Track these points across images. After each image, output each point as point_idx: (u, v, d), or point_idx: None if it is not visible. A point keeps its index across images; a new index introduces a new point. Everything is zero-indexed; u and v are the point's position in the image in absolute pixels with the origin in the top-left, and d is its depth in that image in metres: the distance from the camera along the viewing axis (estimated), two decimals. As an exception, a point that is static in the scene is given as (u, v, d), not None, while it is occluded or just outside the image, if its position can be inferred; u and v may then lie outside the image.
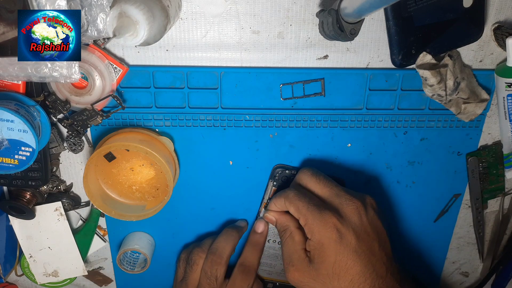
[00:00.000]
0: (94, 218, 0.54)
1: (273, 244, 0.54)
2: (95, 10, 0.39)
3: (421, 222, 0.57)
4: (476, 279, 0.64)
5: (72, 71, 0.39)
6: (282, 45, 0.46)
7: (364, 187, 0.54)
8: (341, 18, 0.40)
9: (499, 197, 0.58)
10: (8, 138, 0.41)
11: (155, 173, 0.49)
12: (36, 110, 0.43)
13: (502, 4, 0.46)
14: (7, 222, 0.51)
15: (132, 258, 0.55)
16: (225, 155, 0.51)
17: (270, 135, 0.50)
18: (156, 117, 0.48)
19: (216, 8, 0.43)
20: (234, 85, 0.47)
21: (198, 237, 0.56)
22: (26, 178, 0.46)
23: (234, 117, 0.49)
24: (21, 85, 0.43)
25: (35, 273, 0.55)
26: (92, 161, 0.45)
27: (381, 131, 0.51)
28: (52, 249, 0.53)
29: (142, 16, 0.34)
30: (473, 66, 0.49)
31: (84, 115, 0.45)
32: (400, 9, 0.43)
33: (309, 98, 0.48)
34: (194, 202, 0.53)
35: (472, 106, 0.49)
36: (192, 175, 0.51)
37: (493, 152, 0.54)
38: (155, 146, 0.46)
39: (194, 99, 0.47)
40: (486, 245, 0.61)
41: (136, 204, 0.50)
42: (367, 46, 0.46)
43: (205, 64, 0.46)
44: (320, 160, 0.52)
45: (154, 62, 0.46)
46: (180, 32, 0.44)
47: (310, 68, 0.47)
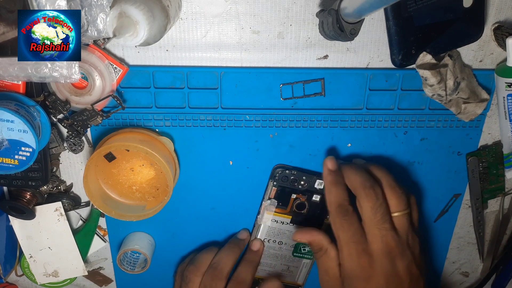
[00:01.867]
0: (94, 218, 0.54)
1: (273, 244, 0.54)
2: (95, 10, 0.39)
3: (421, 222, 0.57)
4: (476, 279, 0.64)
5: (72, 71, 0.39)
6: (282, 45, 0.46)
7: (364, 187, 0.54)
8: (341, 18, 0.40)
9: (499, 197, 0.58)
10: (8, 138, 0.41)
11: (155, 173, 0.49)
12: (36, 110, 0.43)
13: (502, 4, 0.46)
14: (7, 222, 0.51)
15: (132, 258, 0.55)
16: (225, 155, 0.51)
17: (270, 135, 0.50)
18: (156, 117, 0.48)
19: (216, 8, 0.43)
20: (234, 85, 0.47)
21: (198, 237, 0.56)
22: (26, 178, 0.46)
23: (234, 117, 0.48)
24: (21, 85, 0.43)
25: (35, 273, 0.55)
26: (92, 161, 0.45)
27: (381, 131, 0.51)
28: (52, 249, 0.53)
29: (142, 16, 0.34)
30: (473, 66, 0.49)
31: (84, 115, 0.45)
32: (400, 9, 0.43)
33: (309, 98, 0.48)
34: (194, 202, 0.53)
35: (472, 106, 0.49)
36: (192, 175, 0.51)
37: (493, 152, 0.54)
38: (155, 146, 0.46)
39: (194, 99, 0.47)
40: (486, 245, 0.61)
41: (136, 204, 0.50)
42: (367, 46, 0.46)
43: (205, 64, 0.46)
44: (320, 160, 0.52)
45: (154, 62, 0.46)
46: (180, 32, 0.44)
47: (310, 68, 0.47)
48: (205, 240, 0.56)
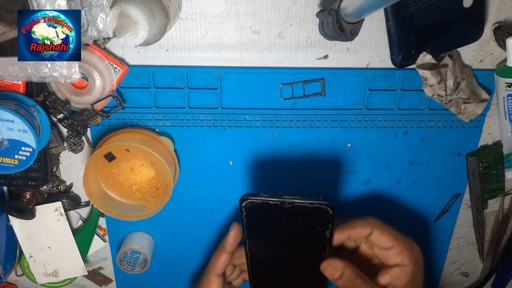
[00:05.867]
0: (94, 218, 0.54)
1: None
2: (95, 10, 0.39)
3: (421, 222, 0.57)
4: (476, 279, 0.64)
5: (72, 71, 0.39)
6: (282, 45, 0.46)
7: (364, 187, 0.54)
8: (341, 18, 0.40)
9: (499, 197, 0.58)
10: (8, 138, 0.41)
11: (155, 173, 0.49)
12: (36, 110, 0.43)
13: (502, 4, 0.46)
14: (7, 222, 0.51)
15: (132, 258, 0.55)
16: (225, 155, 0.51)
17: (270, 135, 0.50)
18: (156, 117, 0.48)
19: (216, 8, 0.43)
20: (234, 85, 0.47)
21: (198, 237, 0.56)
22: (26, 178, 0.46)
23: (234, 117, 0.48)
24: (21, 85, 0.43)
25: (35, 273, 0.55)
26: (92, 161, 0.45)
27: (381, 131, 0.51)
28: (52, 249, 0.53)
29: (142, 16, 0.34)
30: (473, 66, 0.49)
31: (84, 115, 0.45)
32: (400, 9, 0.43)
33: (309, 98, 0.48)
34: (194, 202, 0.53)
35: (472, 106, 0.49)
36: (192, 175, 0.51)
37: (493, 152, 0.54)
38: (155, 146, 0.46)
39: (194, 99, 0.47)
40: (486, 245, 0.61)
41: (136, 204, 0.50)
42: (367, 46, 0.46)
43: (205, 64, 0.46)
44: (320, 160, 0.52)
45: (154, 62, 0.46)
46: (180, 32, 0.44)
47: (310, 68, 0.47)
48: (205, 240, 0.56)
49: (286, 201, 0.37)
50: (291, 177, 0.52)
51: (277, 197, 0.37)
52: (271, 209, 0.38)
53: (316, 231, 0.39)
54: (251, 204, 0.38)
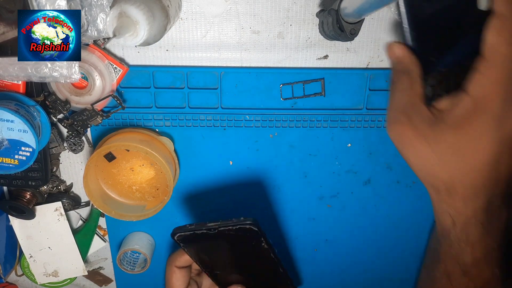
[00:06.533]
0: (94, 218, 0.54)
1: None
2: (95, 10, 0.39)
3: (421, 222, 0.57)
4: (476, 279, 0.64)
5: (72, 71, 0.39)
6: (282, 45, 0.46)
7: (364, 187, 0.54)
8: (341, 18, 0.40)
9: (499, 197, 0.57)
10: (8, 138, 0.41)
11: (155, 173, 0.49)
12: (36, 110, 0.43)
13: None
14: (7, 222, 0.51)
15: (132, 258, 0.55)
16: (225, 155, 0.51)
17: (270, 135, 0.50)
18: (156, 117, 0.48)
19: (216, 8, 0.43)
20: (234, 85, 0.47)
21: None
22: (26, 178, 0.46)
23: (234, 117, 0.48)
24: (21, 85, 0.43)
25: (35, 273, 0.55)
26: (92, 161, 0.45)
27: (381, 131, 0.51)
28: (52, 249, 0.53)
29: (142, 16, 0.34)
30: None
31: (84, 115, 0.45)
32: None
33: (309, 98, 0.48)
34: (194, 202, 0.53)
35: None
36: (192, 175, 0.51)
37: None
38: (155, 146, 0.46)
39: (194, 99, 0.47)
40: (486, 245, 0.61)
41: (136, 204, 0.50)
42: (367, 46, 0.46)
43: (205, 64, 0.46)
44: (320, 160, 0.52)
45: (154, 62, 0.46)
46: (180, 32, 0.44)
47: (310, 68, 0.47)
48: (205, 240, 0.56)
49: (212, 228, 0.37)
50: (291, 177, 0.52)
51: (201, 226, 0.37)
52: (203, 237, 0.38)
53: (252, 245, 0.39)
54: (182, 237, 0.38)
